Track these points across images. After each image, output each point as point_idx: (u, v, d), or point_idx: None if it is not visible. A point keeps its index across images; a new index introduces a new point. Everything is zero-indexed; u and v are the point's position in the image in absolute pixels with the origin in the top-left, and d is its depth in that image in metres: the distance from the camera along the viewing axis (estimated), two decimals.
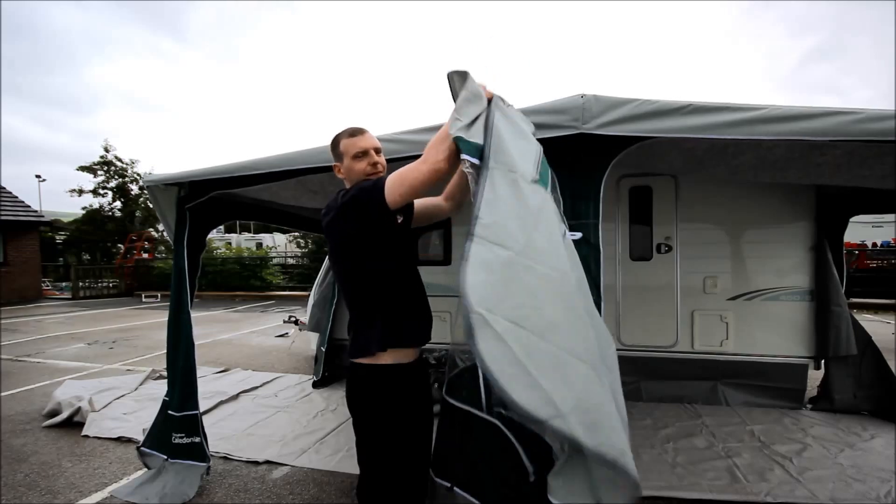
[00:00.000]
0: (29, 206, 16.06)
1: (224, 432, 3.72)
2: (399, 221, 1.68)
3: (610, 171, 1.96)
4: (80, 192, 19.70)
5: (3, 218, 14.41)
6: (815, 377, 4.15)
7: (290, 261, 19.62)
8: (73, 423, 4.00)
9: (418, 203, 1.83)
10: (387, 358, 1.61)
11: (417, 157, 2.09)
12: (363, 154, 1.70)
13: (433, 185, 1.46)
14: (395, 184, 1.48)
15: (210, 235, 3.71)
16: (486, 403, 1.73)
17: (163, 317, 4.61)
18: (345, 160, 1.73)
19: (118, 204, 20.30)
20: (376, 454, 1.62)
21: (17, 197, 15.95)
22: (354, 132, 1.74)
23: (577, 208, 1.94)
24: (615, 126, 1.91)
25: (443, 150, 1.40)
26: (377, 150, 1.72)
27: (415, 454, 1.67)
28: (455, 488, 1.75)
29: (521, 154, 1.45)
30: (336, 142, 1.76)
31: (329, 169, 2.45)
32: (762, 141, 1.80)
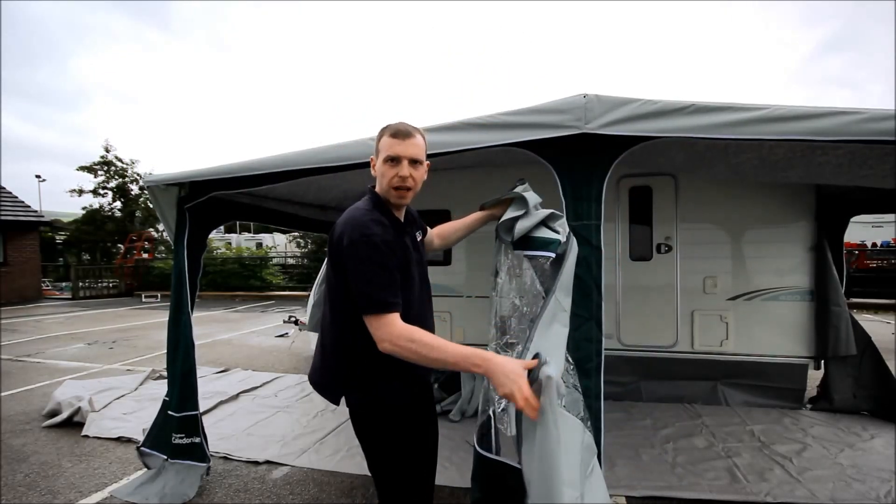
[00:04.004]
0: (29, 206, 16.04)
1: (224, 432, 3.72)
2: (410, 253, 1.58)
3: (611, 171, 1.96)
4: (80, 192, 19.68)
5: (3, 218, 14.40)
6: (814, 377, 4.15)
7: (290, 261, 19.62)
8: (73, 423, 4.00)
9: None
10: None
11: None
12: (394, 161, 1.50)
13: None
14: (370, 319, 1.39)
15: (210, 235, 3.72)
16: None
17: (163, 317, 4.61)
18: (378, 159, 1.54)
19: (118, 204, 20.28)
20: (390, 476, 1.60)
21: (17, 197, 15.94)
22: (397, 133, 1.50)
23: (579, 209, 1.94)
24: (617, 126, 1.90)
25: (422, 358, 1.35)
26: (414, 161, 1.51)
27: (426, 465, 1.65)
28: None
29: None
30: (379, 135, 1.56)
31: (332, 170, 2.45)
32: (764, 140, 1.80)
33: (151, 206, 4.68)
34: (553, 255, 1.60)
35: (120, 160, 19.85)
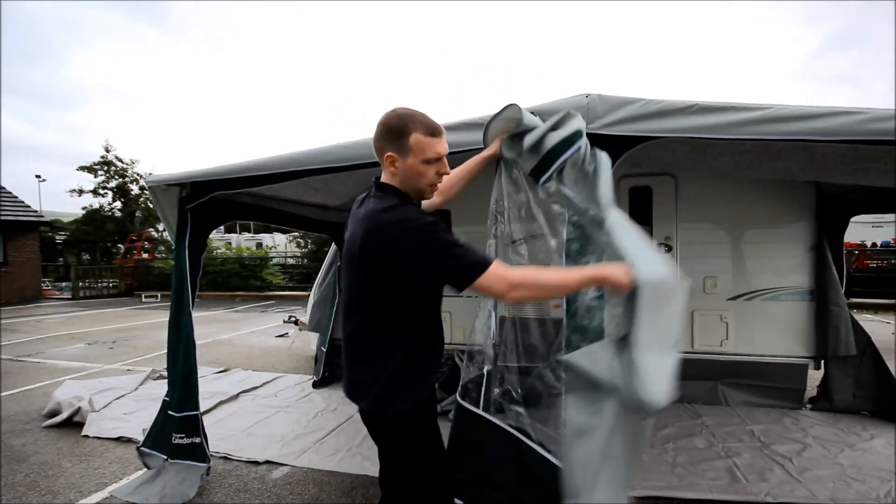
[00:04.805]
0: (29, 206, 16.04)
1: (224, 432, 3.72)
2: None
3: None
4: (80, 192, 19.70)
5: (3, 218, 14.39)
6: (814, 377, 4.15)
7: (290, 261, 19.61)
8: (73, 423, 4.00)
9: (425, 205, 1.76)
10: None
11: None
12: (437, 161, 1.45)
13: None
14: (481, 283, 1.32)
15: (210, 235, 3.71)
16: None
17: (163, 317, 4.61)
18: (409, 158, 1.42)
19: (118, 204, 20.29)
20: (428, 480, 1.56)
21: (17, 197, 15.93)
22: (434, 131, 1.44)
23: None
24: (620, 126, 1.91)
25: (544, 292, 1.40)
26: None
27: (441, 465, 1.63)
28: None
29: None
30: (404, 131, 1.42)
31: (335, 170, 2.45)
32: (766, 140, 1.80)
33: (152, 205, 4.67)
34: (579, 146, 1.60)
35: (120, 160, 19.88)
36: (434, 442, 1.58)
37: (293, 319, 6.89)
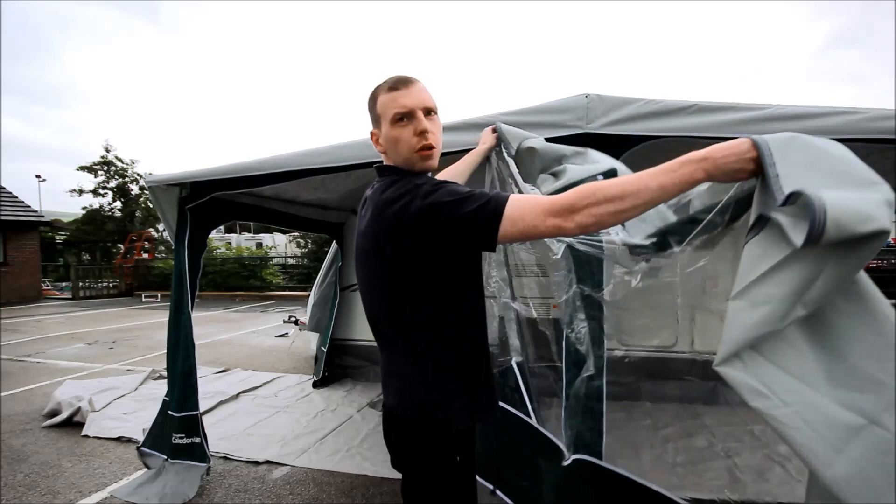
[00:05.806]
0: (29, 206, 16.05)
1: (224, 432, 3.72)
2: None
3: None
4: (80, 192, 19.72)
5: (3, 218, 14.39)
6: None
7: (290, 261, 19.62)
8: (73, 423, 3.99)
9: None
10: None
11: None
12: (406, 117, 1.15)
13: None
14: (513, 219, 1.00)
15: (210, 235, 3.71)
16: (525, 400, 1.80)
17: (163, 317, 4.61)
18: (383, 126, 1.19)
19: (118, 204, 20.30)
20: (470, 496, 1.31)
21: (17, 197, 15.94)
22: (397, 83, 1.17)
23: None
24: (619, 125, 1.91)
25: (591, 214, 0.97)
26: (429, 111, 1.18)
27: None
28: (497, 491, 1.75)
29: None
30: (373, 101, 1.21)
31: (334, 170, 2.45)
32: None
33: (152, 205, 4.68)
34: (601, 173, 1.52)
35: (120, 160, 19.89)
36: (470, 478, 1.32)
37: (293, 319, 6.89)
